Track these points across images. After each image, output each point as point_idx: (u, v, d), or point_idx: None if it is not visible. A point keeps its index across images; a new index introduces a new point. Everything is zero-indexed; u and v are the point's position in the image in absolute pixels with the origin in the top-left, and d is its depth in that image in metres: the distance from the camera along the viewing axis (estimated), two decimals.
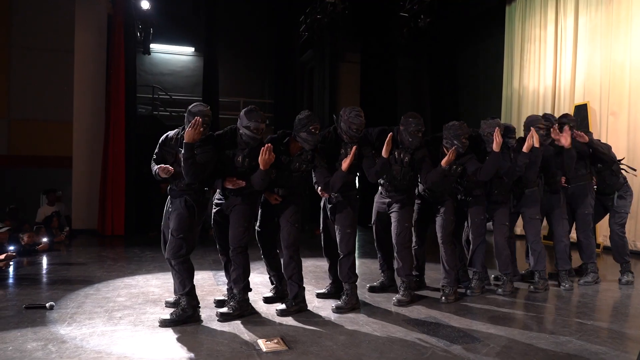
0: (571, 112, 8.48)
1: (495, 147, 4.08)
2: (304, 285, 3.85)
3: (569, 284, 4.79)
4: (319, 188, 3.95)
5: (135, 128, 9.03)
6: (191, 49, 13.20)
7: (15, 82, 9.76)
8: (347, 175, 3.76)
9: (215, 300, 4.04)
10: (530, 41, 9.59)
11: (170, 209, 3.63)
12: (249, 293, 3.78)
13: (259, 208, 3.98)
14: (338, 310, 3.83)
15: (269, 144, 3.51)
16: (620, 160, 5.20)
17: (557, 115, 8.85)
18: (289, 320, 3.59)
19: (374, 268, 5.43)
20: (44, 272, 5.50)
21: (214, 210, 3.87)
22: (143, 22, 9.96)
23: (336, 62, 13.30)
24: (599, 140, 5.42)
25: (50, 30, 9.75)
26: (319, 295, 4.30)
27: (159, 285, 4.71)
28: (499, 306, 4.12)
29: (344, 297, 3.92)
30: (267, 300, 4.09)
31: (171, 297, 4.02)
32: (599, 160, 5.03)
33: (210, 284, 4.80)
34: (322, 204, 4.22)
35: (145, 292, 4.41)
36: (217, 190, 3.78)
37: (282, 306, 3.76)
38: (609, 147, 5.29)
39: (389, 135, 3.83)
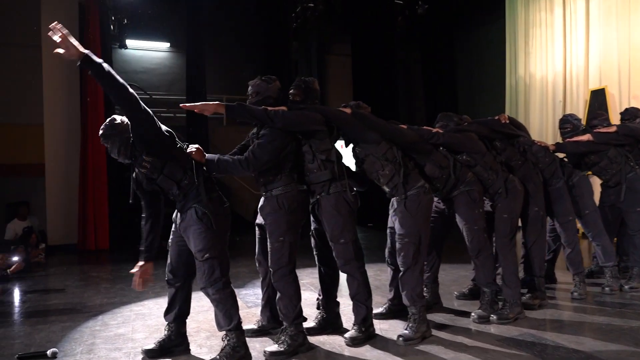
0: (587, 97, 8.11)
1: None
2: (371, 307, 3.15)
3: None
4: None
5: None
6: (166, 45, 12.23)
7: None
8: None
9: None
10: (535, 26, 9.18)
11: (179, 228, 2.83)
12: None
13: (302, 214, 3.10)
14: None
15: None
16: None
17: (570, 100, 8.50)
18: (364, 352, 2.89)
19: None
20: (26, 301, 4.55)
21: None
22: (118, 13, 9.00)
23: (323, 54, 12.64)
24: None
25: (14, 23, 8.60)
26: (376, 316, 3.57)
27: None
28: (588, 314, 3.56)
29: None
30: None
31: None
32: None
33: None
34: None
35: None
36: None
37: (351, 333, 3.05)
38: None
39: None
